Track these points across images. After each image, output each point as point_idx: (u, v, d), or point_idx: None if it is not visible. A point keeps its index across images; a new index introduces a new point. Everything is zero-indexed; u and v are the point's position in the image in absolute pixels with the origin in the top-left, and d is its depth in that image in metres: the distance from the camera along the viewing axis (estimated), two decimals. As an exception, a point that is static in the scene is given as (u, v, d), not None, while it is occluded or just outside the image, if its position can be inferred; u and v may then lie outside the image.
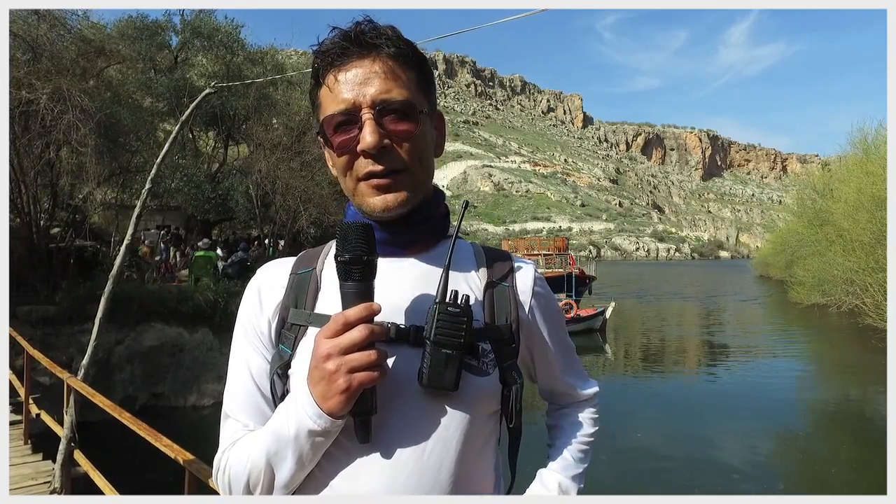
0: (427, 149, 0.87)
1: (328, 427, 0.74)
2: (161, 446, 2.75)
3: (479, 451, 0.84)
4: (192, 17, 18.03)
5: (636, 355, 19.37)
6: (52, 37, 11.54)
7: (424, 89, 0.87)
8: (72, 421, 4.67)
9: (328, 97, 0.83)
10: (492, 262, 0.94)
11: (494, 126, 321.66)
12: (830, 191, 26.25)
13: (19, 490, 4.69)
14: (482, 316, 0.87)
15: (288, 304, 0.88)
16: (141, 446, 3.20)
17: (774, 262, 47.99)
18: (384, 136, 0.80)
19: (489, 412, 0.85)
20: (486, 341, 0.85)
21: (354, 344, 0.72)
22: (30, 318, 10.24)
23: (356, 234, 0.76)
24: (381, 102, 0.80)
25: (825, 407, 12.74)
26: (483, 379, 0.83)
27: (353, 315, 0.73)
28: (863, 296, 17.15)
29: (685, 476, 8.43)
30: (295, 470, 0.77)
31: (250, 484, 0.79)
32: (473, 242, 1.00)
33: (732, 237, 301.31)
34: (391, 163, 0.81)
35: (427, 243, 0.91)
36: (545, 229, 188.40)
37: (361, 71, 0.81)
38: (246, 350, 0.89)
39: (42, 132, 10.97)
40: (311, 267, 0.90)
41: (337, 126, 0.82)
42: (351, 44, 0.81)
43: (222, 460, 0.84)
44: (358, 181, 0.83)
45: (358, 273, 0.76)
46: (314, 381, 0.74)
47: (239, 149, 20.06)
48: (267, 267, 0.94)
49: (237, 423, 0.86)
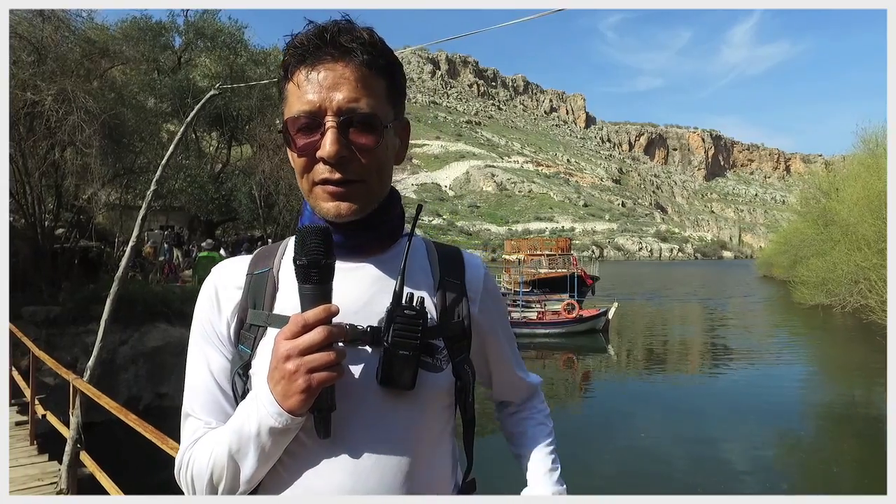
0: (386, 161, 0.87)
1: (289, 424, 0.76)
2: (167, 448, 2.75)
3: (436, 440, 0.89)
4: (196, 18, 18.08)
5: (639, 355, 19.34)
6: (57, 38, 11.59)
7: (393, 99, 0.87)
8: (78, 422, 4.69)
9: (294, 94, 0.83)
10: (443, 259, 0.96)
11: (497, 126, 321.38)
12: (835, 190, 26.15)
13: (27, 490, 4.71)
14: (435, 313, 0.90)
15: (246, 305, 0.89)
16: (146, 447, 3.21)
17: (778, 262, 47.83)
18: (345, 146, 0.80)
19: (444, 404, 0.90)
20: (439, 338, 0.88)
21: (313, 345, 0.73)
22: (35, 318, 10.28)
23: (314, 237, 0.77)
24: (346, 111, 0.80)
25: (830, 407, 12.69)
26: (438, 375, 0.86)
27: (312, 317, 0.74)
28: (869, 294, 17.08)
29: (688, 476, 8.41)
30: (258, 465, 0.79)
31: (213, 479, 0.81)
32: (426, 238, 1.01)
33: (735, 237, 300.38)
34: (348, 173, 0.82)
35: (383, 244, 0.93)
36: (548, 229, 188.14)
37: (332, 74, 0.80)
38: (205, 349, 0.90)
39: (47, 133, 11.02)
40: (268, 267, 0.91)
41: (300, 128, 0.82)
42: (325, 44, 0.81)
43: (184, 458, 0.86)
44: (314, 184, 0.84)
45: (316, 276, 0.77)
46: (274, 380, 0.76)
47: (242, 149, 20.10)
48: (222, 266, 0.95)
49: (199, 422, 0.88)
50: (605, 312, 22.24)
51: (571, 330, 20.94)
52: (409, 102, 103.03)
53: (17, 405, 7.05)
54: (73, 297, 10.88)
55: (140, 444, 3.46)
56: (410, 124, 0.96)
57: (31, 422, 5.97)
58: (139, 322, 11.09)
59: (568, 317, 21.42)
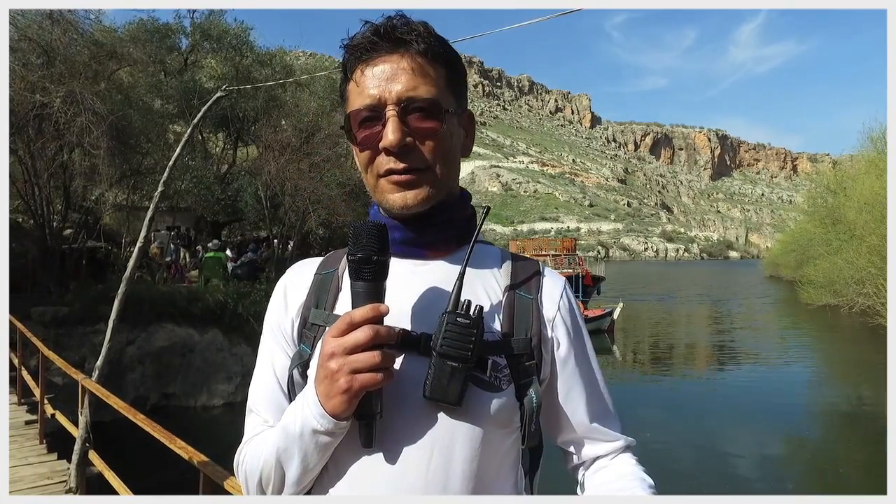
0: (452, 148, 0.84)
1: (331, 428, 0.73)
2: (176, 448, 2.78)
3: (495, 467, 0.81)
4: (202, 20, 18.18)
5: (645, 356, 19.30)
6: (66, 41, 11.69)
7: (453, 88, 0.84)
8: (86, 422, 4.74)
9: (354, 91, 0.82)
10: (517, 270, 0.89)
11: (502, 126, 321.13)
12: (843, 189, 25.98)
13: (36, 489, 4.77)
14: (499, 328, 0.83)
15: (310, 304, 0.87)
16: (153, 445, 3.24)
17: (785, 261, 47.61)
18: (407, 133, 0.78)
19: (503, 429, 0.81)
20: (500, 355, 0.80)
21: (358, 345, 0.70)
22: (43, 318, 10.37)
23: (368, 233, 0.75)
24: (406, 100, 0.78)
25: (837, 408, 12.63)
26: (493, 395, 0.78)
27: (359, 315, 0.72)
28: (875, 297, 16.98)
29: (693, 476, 8.40)
30: (301, 471, 0.76)
31: (262, 480, 0.80)
32: (504, 249, 0.96)
33: (742, 237, 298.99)
34: (413, 161, 0.80)
35: (450, 246, 0.88)
36: (553, 230, 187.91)
37: (389, 67, 0.79)
38: (272, 347, 0.89)
39: (55, 135, 11.12)
40: (335, 268, 0.90)
41: (361, 121, 0.81)
42: (380, 38, 0.80)
43: (241, 454, 0.86)
44: (379, 178, 0.82)
45: (368, 273, 0.74)
46: (318, 379, 0.74)
47: (248, 150, 20.18)
48: (295, 266, 0.94)
49: (258, 418, 0.87)
50: (610, 313, 22.21)
51: None
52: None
53: (27, 404, 7.12)
54: (80, 297, 10.97)
55: (147, 444, 3.49)
56: (474, 116, 0.93)
57: (41, 421, 6.03)
58: (146, 322, 11.17)
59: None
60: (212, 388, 11.31)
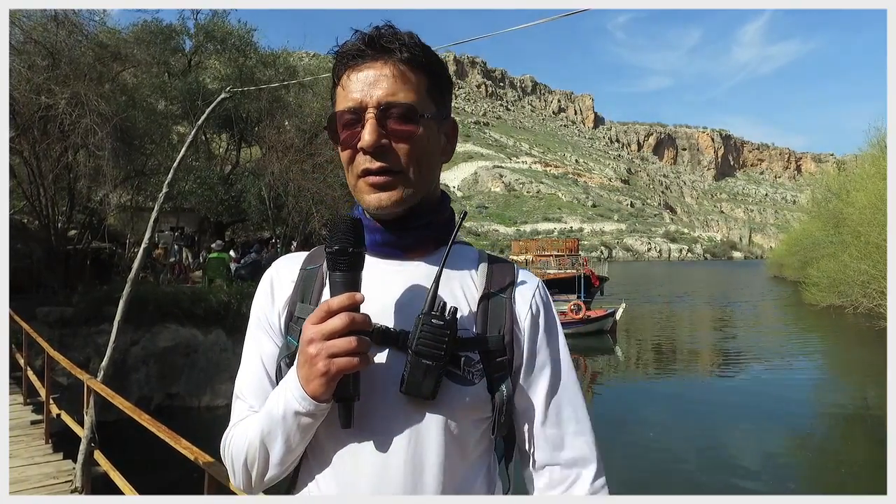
0: (428, 152, 0.88)
1: (311, 409, 0.78)
2: (181, 448, 2.80)
3: (468, 455, 0.87)
4: (206, 21, 18.23)
5: (647, 356, 19.27)
6: (71, 43, 11.74)
7: (435, 95, 0.89)
8: (91, 422, 4.77)
9: (341, 95, 0.87)
10: (493, 271, 0.93)
11: (505, 127, 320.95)
12: (846, 191, 25.91)
13: (42, 489, 4.80)
14: (474, 325, 0.88)
15: (296, 298, 0.92)
16: (158, 445, 3.26)
17: (789, 262, 47.49)
18: (383, 135, 0.83)
19: (476, 419, 0.86)
20: (474, 351, 0.85)
21: (335, 330, 0.75)
22: (48, 319, 10.42)
23: (344, 226, 0.80)
24: (385, 104, 0.83)
25: (842, 408, 12.59)
26: (466, 388, 0.84)
27: (337, 303, 0.76)
28: (879, 299, 16.93)
29: (696, 476, 8.39)
30: (284, 450, 0.82)
31: (248, 461, 0.85)
32: (481, 250, 1.00)
33: (745, 237, 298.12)
34: (388, 162, 0.84)
35: (428, 247, 0.92)
36: (556, 230, 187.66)
37: (373, 73, 0.84)
38: (258, 336, 0.94)
39: (60, 136, 11.17)
40: (319, 263, 0.94)
41: (345, 123, 0.86)
42: (367, 46, 0.85)
43: (227, 438, 0.91)
44: (357, 178, 0.86)
45: (344, 263, 0.79)
46: (299, 364, 0.78)
47: (251, 151, 20.23)
48: (280, 261, 0.99)
49: (244, 404, 0.92)
50: (612, 313, 22.18)
51: (579, 331, 20.89)
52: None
53: (33, 404, 7.16)
54: (85, 297, 11.02)
55: (152, 444, 3.52)
56: (457, 123, 0.97)
57: (46, 421, 6.06)
58: (150, 323, 11.21)
59: (575, 317, 21.38)
60: (215, 388, 11.34)
